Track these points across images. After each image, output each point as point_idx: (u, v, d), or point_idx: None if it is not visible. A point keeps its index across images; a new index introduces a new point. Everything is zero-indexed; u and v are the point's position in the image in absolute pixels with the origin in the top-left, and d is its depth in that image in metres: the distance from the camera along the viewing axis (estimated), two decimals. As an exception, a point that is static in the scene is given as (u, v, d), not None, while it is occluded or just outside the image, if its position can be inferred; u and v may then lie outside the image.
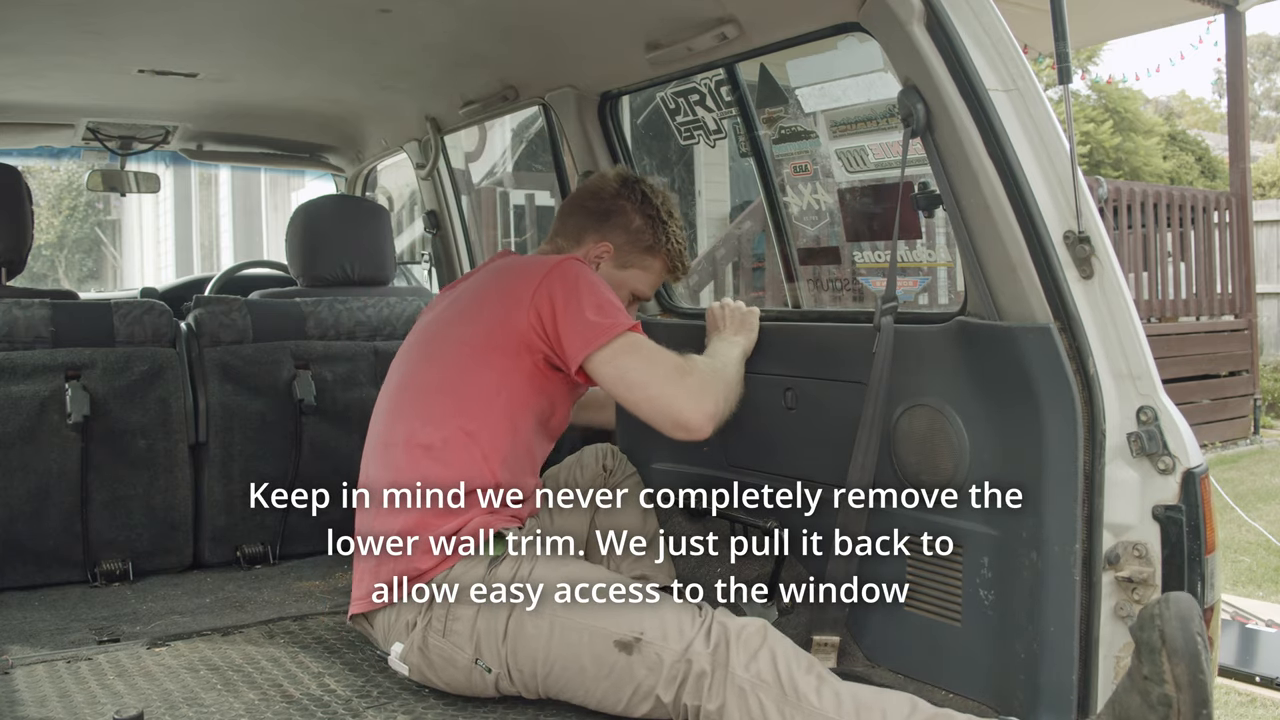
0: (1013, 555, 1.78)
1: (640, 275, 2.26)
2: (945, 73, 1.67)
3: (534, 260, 2.08)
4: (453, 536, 1.86)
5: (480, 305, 2.05)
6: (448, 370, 2.01)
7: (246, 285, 3.77)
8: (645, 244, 2.23)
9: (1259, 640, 3.78)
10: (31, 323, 2.73)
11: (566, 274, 1.97)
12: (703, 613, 1.76)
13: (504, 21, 2.51)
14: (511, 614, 1.79)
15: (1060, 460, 1.68)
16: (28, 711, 1.88)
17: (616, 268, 2.22)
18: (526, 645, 1.79)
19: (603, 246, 2.21)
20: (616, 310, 1.96)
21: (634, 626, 1.73)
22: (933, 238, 2.45)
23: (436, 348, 2.07)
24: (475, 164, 9.75)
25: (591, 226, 2.23)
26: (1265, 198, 12.73)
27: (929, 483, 1.96)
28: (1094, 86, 12.07)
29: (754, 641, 1.69)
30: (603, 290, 1.99)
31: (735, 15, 2.10)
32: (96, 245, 19.58)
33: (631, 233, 2.22)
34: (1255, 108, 24.79)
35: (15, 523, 2.65)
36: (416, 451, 1.95)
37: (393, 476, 1.95)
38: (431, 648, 1.86)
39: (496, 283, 2.07)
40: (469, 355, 2.00)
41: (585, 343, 1.91)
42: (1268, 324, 10.56)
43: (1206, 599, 1.59)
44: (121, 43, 2.67)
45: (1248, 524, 5.43)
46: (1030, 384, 1.72)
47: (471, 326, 2.03)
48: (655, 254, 2.25)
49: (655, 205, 2.25)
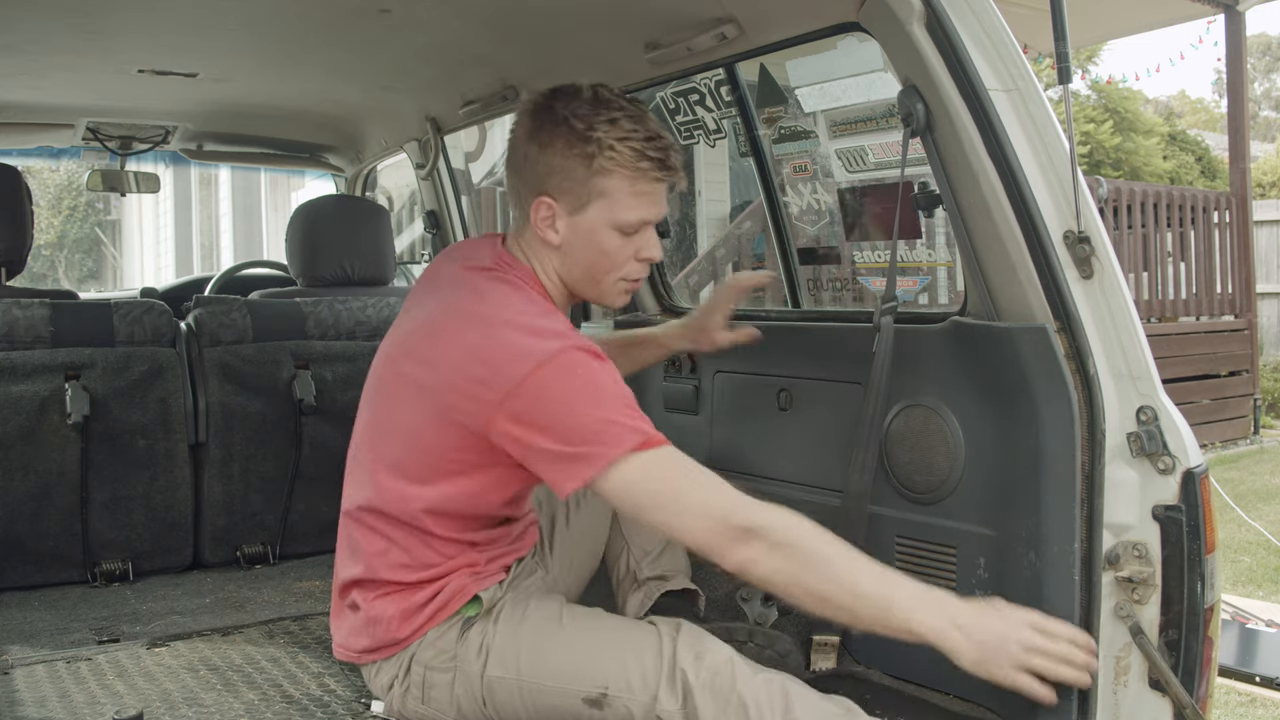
0: (1010, 556, 1.78)
1: (608, 205, 1.69)
2: (945, 73, 1.67)
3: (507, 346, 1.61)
4: (426, 606, 1.78)
5: (441, 382, 1.67)
6: (406, 451, 1.75)
7: (246, 285, 3.78)
8: (581, 170, 1.67)
9: (1259, 640, 3.78)
10: (31, 323, 2.73)
11: (540, 396, 1.57)
12: (662, 645, 1.66)
13: (504, 21, 2.50)
14: (483, 680, 1.75)
15: (1058, 460, 1.68)
16: (28, 711, 1.88)
17: (574, 214, 1.70)
18: (506, 708, 1.75)
19: (542, 205, 1.70)
20: (612, 426, 1.55)
21: (597, 681, 1.67)
22: (933, 238, 2.46)
23: (389, 413, 1.78)
24: (475, 164, 9.74)
25: (522, 185, 1.73)
26: (1265, 198, 12.74)
27: (923, 483, 1.96)
28: (1094, 86, 12.08)
29: (722, 688, 1.59)
30: (591, 400, 1.57)
31: (735, 15, 2.10)
32: (96, 245, 19.58)
33: (558, 162, 1.67)
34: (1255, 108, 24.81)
35: (15, 523, 2.65)
36: (377, 538, 1.80)
37: (359, 543, 1.84)
38: (412, 711, 1.81)
39: (463, 356, 1.64)
40: (411, 433, 1.72)
41: (567, 475, 1.58)
42: (1268, 324, 10.56)
43: (1206, 599, 1.59)
44: (121, 43, 2.67)
45: (1248, 524, 5.43)
46: (1026, 384, 1.72)
47: (422, 401, 1.70)
48: (603, 171, 1.67)
49: (560, 109, 1.69)
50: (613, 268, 1.77)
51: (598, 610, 1.84)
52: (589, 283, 1.79)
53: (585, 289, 1.81)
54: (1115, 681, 1.64)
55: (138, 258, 17.82)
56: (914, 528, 1.97)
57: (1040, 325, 1.69)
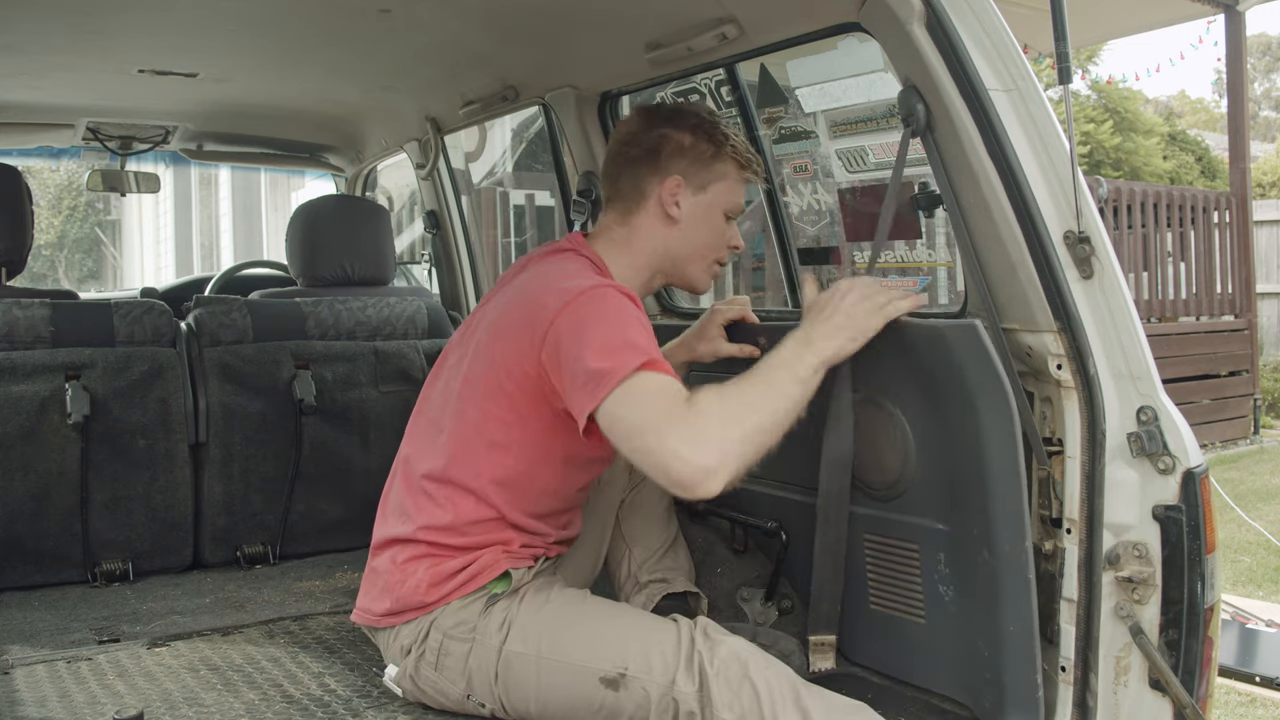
0: (966, 552, 1.79)
1: (723, 187, 2.02)
2: (945, 73, 1.67)
3: (551, 290, 1.81)
4: (456, 575, 1.83)
5: (500, 337, 1.86)
6: (463, 409, 1.88)
7: (246, 285, 3.78)
8: (708, 154, 2.00)
9: (1259, 640, 3.78)
10: (31, 323, 2.73)
11: (577, 313, 1.73)
12: (680, 632, 1.72)
13: (504, 21, 2.50)
14: (500, 655, 1.78)
15: (999, 458, 1.68)
16: (28, 711, 1.88)
17: (696, 193, 1.99)
18: (518, 686, 1.78)
19: (672, 182, 1.98)
20: (627, 349, 1.67)
21: (617, 661, 1.71)
22: (933, 238, 2.45)
23: (457, 378, 1.92)
24: (475, 164, 9.75)
25: (646, 172, 2.00)
26: (1265, 198, 12.75)
27: (879, 480, 1.96)
28: (1094, 86, 12.08)
29: (734, 676, 1.64)
30: (617, 324, 1.72)
31: (735, 15, 2.10)
32: (96, 245, 19.59)
33: (689, 151, 1.99)
34: (1255, 108, 24.81)
35: (15, 523, 2.65)
36: (421, 494, 1.88)
37: (404, 503, 1.91)
38: (424, 678, 1.85)
39: (519, 309, 1.85)
40: (482, 398, 1.85)
41: (588, 397, 1.67)
42: (1268, 324, 10.57)
43: (1206, 599, 1.59)
44: (121, 43, 2.67)
45: (1248, 524, 5.44)
46: (962, 381, 1.73)
47: (489, 364, 1.86)
48: (722, 158, 2.01)
49: (691, 115, 2.04)
50: (715, 248, 2.04)
51: (621, 603, 1.91)
52: (692, 260, 2.03)
53: (684, 267, 2.04)
54: (1115, 681, 1.64)
55: (138, 258, 17.84)
56: (879, 524, 1.98)
57: (970, 323, 1.71)
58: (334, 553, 3.02)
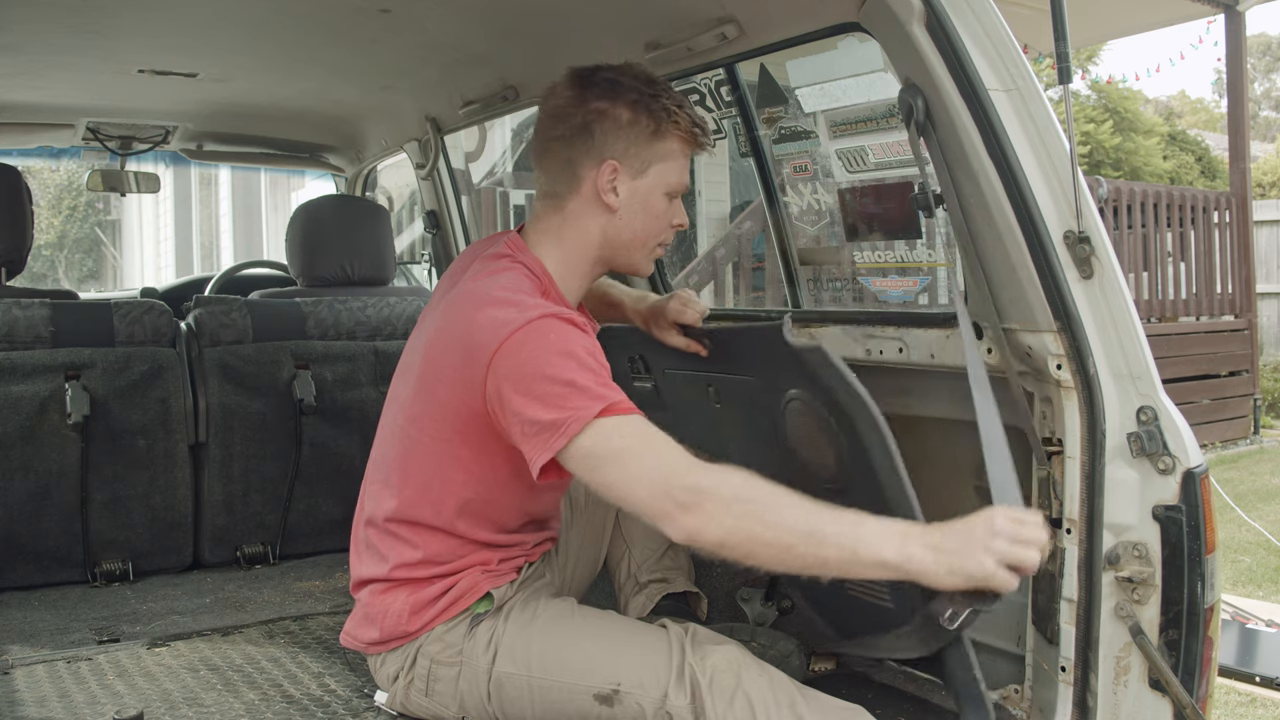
0: None
1: (666, 168, 1.82)
2: (945, 73, 1.67)
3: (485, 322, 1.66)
4: (437, 600, 1.80)
5: (440, 377, 1.74)
6: (411, 449, 1.81)
7: (246, 285, 3.78)
8: (649, 131, 1.79)
9: (1259, 640, 3.78)
10: (31, 323, 2.73)
11: (515, 356, 1.61)
12: (671, 643, 1.69)
13: (504, 21, 2.51)
14: (490, 676, 1.76)
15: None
16: (28, 711, 1.88)
17: (635, 178, 1.80)
18: (513, 703, 1.76)
19: (607, 168, 1.78)
20: (576, 395, 1.57)
21: (609, 677, 1.68)
22: (933, 238, 2.45)
23: (402, 414, 1.83)
24: (475, 164, 9.75)
25: (579, 154, 1.79)
26: (1265, 198, 12.75)
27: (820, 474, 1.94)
28: (1094, 86, 12.09)
29: (728, 686, 1.61)
30: (562, 366, 1.59)
31: (735, 15, 2.10)
32: (96, 245, 19.58)
33: (627, 130, 1.78)
34: (1255, 108, 24.81)
35: (15, 523, 2.65)
36: (388, 536, 1.83)
37: (375, 545, 1.86)
38: (415, 704, 1.82)
39: (455, 343, 1.72)
40: (431, 439, 1.77)
41: (541, 447, 1.59)
42: (1268, 324, 10.57)
43: (1206, 599, 1.59)
44: (121, 43, 2.67)
45: (1248, 524, 5.44)
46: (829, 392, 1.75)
47: (435, 405, 1.76)
48: (664, 135, 1.80)
49: (629, 86, 1.80)
50: (658, 231, 1.88)
51: (609, 611, 1.86)
52: (634, 247, 1.87)
53: (628, 254, 1.88)
54: (1115, 681, 1.64)
55: (138, 258, 17.83)
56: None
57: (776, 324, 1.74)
58: (334, 553, 3.02)
